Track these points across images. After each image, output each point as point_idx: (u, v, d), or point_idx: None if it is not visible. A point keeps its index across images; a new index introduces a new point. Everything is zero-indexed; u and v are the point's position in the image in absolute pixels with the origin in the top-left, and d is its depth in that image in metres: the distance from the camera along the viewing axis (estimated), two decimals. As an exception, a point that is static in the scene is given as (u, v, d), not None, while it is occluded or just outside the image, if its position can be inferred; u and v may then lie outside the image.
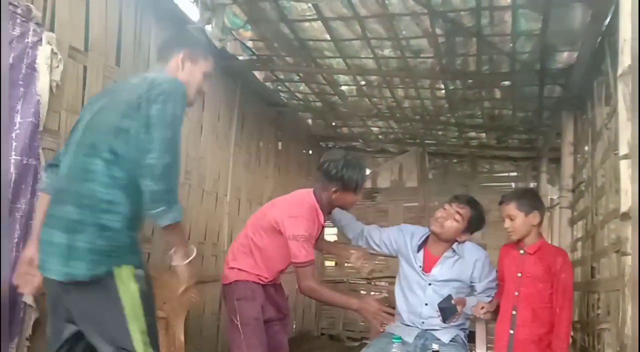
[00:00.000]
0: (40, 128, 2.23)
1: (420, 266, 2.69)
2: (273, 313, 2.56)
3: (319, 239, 2.71)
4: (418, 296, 2.66)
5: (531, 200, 2.46)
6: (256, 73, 4.40)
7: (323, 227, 2.60)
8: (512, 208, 2.43)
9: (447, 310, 2.49)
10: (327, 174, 2.42)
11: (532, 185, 6.07)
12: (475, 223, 2.63)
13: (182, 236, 1.82)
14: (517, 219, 2.41)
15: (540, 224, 2.45)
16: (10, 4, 2.07)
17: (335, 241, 2.95)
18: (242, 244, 2.56)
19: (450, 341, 2.57)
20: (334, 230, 3.04)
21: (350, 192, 2.44)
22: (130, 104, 1.71)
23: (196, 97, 2.01)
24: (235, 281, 2.48)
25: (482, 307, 2.50)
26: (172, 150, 1.68)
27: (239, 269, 2.49)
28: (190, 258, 1.83)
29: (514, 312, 2.39)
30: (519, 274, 2.42)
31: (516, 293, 2.41)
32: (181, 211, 1.72)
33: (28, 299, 2.09)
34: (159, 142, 1.64)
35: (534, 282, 2.37)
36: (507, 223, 2.44)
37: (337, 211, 2.74)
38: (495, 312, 2.56)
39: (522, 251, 2.45)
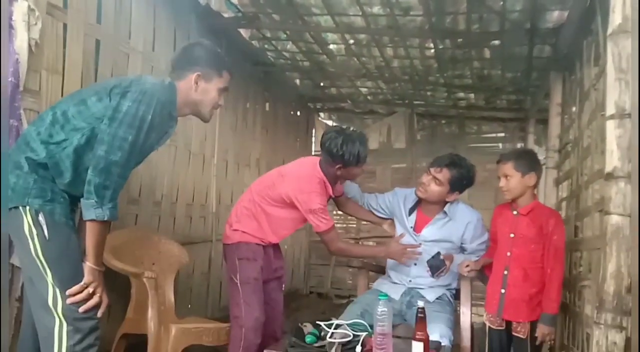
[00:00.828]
0: (21, 88, 2.17)
1: (412, 227, 2.74)
2: (271, 273, 2.68)
3: (348, 203, 2.93)
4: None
5: (529, 161, 2.45)
6: (242, 31, 4.29)
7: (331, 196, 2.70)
8: (509, 167, 2.42)
9: (435, 266, 2.56)
10: (329, 152, 2.50)
11: (519, 146, 6.12)
12: (458, 183, 2.63)
13: (101, 238, 1.73)
14: (512, 179, 2.41)
15: (535, 185, 2.46)
16: (-18, -44, 1.97)
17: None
18: (247, 207, 2.63)
19: (436, 299, 2.63)
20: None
21: (353, 166, 2.52)
22: (106, 88, 1.78)
23: (212, 112, 2.02)
24: (238, 242, 2.57)
25: (467, 266, 2.54)
26: (124, 150, 1.70)
27: (243, 232, 2.58)
28: (99, 268, 1.75)
29: (505, 272, 2.43)
30: (512, 235, 2.44)
31: (508, 254, 2.44)
32: (111, 213, 1.70)
33: (16, 260, 2.09)
34: (114, 139, 1.70)
35: (526, 243, 2.40)
36: (503, 182, 2.44)
37: (347, 184, 2.86)
38: (481, 271, 2.61)
39: (515, 212, 2.46)
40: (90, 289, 1.71)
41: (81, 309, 1.69)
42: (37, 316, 1.73)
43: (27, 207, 1.69)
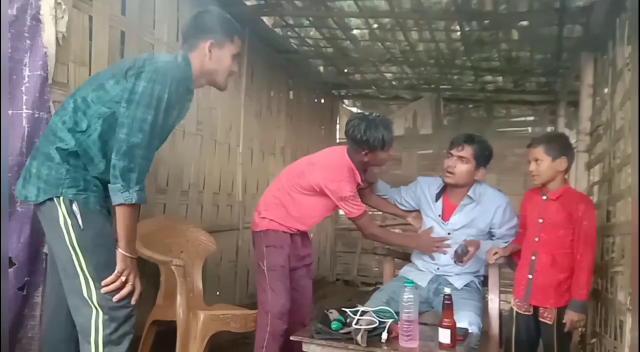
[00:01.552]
0: (49, 81, 2.21)
1: (440, 215, 2.71)
2: (299, 260, 2.70)
3: (372, 196, 2.92)
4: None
5: (561, 145, 2.38)
6: (264, 19, 4.28)
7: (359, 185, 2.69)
8: (539, 151, 2.36)
9: (459, 253, 2.54)
10: (354, 139, 2.50)
11: (549, 129, 5.97)
12: (481, 156, 2.60)
13: (131, 222, 1.73)
14: (542, 163, 2.35)
15: (567, 170, 2.39)
16: (9, -48, 2.00)
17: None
18: (275, 196, 2.66)
19: (464, 286, 2.61)
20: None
21: (379, 150, 2.51)
22: (122, 69, 1.78)
23: (227, 79, 2.00)
24: (266, 230, 2.61)
25: (495, 253, 2.51)
26: (145, 132, 1.69)
27: (270, 220, 2.62)
28: (132, 255, 1.76)
29: (533, 258, 2.39)
30: (540, 220, 2.40)
31: (536, 239, 2.39)
32: (138, 196, 1.69)
33: (48, 249, 2.15)
34: (134, 120, 1.69)
35: (555, 229, 2.35)
36: (533, 166, 2.39)
37: (378, 184, 2.89)
38: (510, 257, 2.58)
39: (544, 197, 2.41)
40: (123, 278, 1.73)
41: (115, 298, 1.71)
42: (73, 307, 1.76)
43: (61, 198, 1.71)
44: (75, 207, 1.71)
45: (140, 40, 2.94)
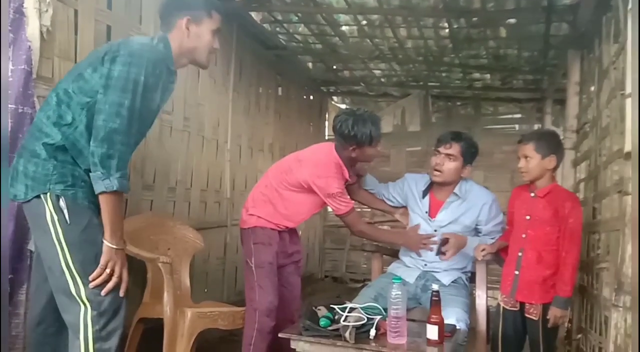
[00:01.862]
0: (34, 75, 2.18)
1: (426, 212, 2.72)
2: (287, 257, 2.70)
3: (360, 192, 2.91)
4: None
5: (551, 143, 2.40)
6: (253, 14, 4.25)
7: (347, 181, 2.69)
8: (529, 149, 2.37)
9: (439, 245, 2.60)
10: (342, 134, 2.50)
11: (536, 127, 6.02)
12: (468, 154, 2.62)
13: (115, 211, 1.69)
14: (532, 161, 2.37)
15: (555, 168, 2.41)
16: (-9, -57, 1.96)
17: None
18: (263, 193, 2.66)
19: (452, 282, 2.62)
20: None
21: (367, 146, 2.51)
22: (98, 56, 1.75)
23: (209, 57, 1.96)
24: (254, 227, 2.60)
25: (483, 249, 2.52)
26: (122, 116, 1.66)
27: (258, 217, 2.61)
28: (117, 247, 1.71)
29: (520, 254, 2.41)
30: (528, 217, 2.41)
31: (523, 236, 2.41)
32: (119, 183, 1.65)
33: (33, 246, 2.12)
34: (110, 106, 1.66)
35: (542, 225, 2.36)
36: (522, 163, 2.40)
37: (366, 178, 2.88)
38: (497, 253, 2.59)
39: (532, 194, 2.43)
40: (108, 270, 1.70)
41: (103, 292, 1.68)
42: (62, 305, 1.73)
43: (48, 194, 1.68)
44: (62, 202, 1.68)
45: (127, 34, 2.89)
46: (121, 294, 1.73)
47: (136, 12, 2.99)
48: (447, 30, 4.21)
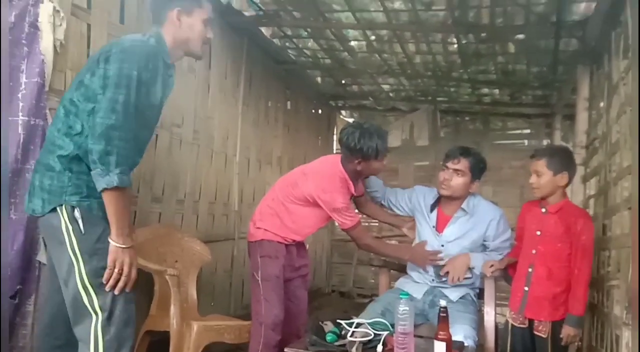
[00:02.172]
0: (46, 88, 2.21)
1: (434, 226, 2.70)
2: (294, 271, 2.69)
3: (368, 204, 2.92)
4: None
5: (563, 159, 2.37)
6: (263, 29, 4.30)
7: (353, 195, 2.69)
8: (541, 165, 2.35)
9: (438, 272, 2.60)
10: (348, 147, 2.50)
11: (545, 142, 6.00)
12: (476, 168, 2.60)
13: (119, 208, 1.67)
14: (543, 177, 2.34)
15: (567, 185, 2.39)
16: (8, -41, 2.01)
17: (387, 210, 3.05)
18: (270, 206, 2.66)
19: (460, 298, 2.59)
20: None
21: (373, 160, 2.51)
22: (94, 60, 1.77)
23: (203, 47, 1.97)
24: (261, 240, 2.60)
25: (491, 266, 2.50)
26: (119, 112, 1.66)
27: (265, 230, 2.61)
28: (124, 245, 1.69)
29: (530, 270, 2.38)
30: (538, 233, 2.39)
31: (533, 251, 2.38)
32: (119, 179, 1.63)
33: (42, 257, 2.13)
34: (107, 102, 1.66)
35: (553, 242, 2.34)
36: (533, 179, 2.38)
37: (370, 178, 2.86)
38: (505, 270, 2.57)
39: (543, 210, 2.40)
40: (117, 270, 1.69)
41: (116, 291, 1.68)
42: (74, 319, 1.72)
43: (64, 206, 1.69)
44: (77, 213, 1.69)
45: (138, 48, 2.94)
46: (127, 289, 1.71)
47: (148, 26, 3.02)
48: (455, 46, 4.23)
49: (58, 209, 1.70)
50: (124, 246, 1.70)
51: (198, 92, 3.58)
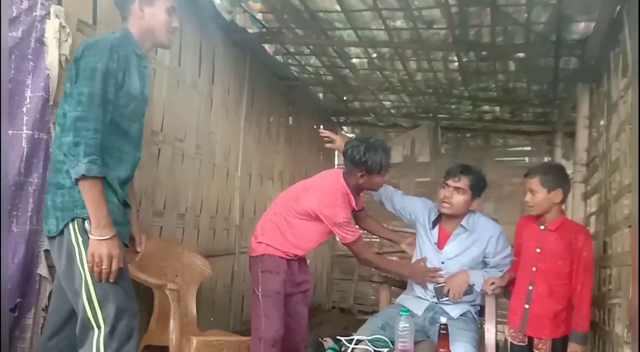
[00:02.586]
0: (51, 102, 2.23)
1: (435, 243, 2.70)
2: (295, 287, 2.68)
3: (367, 220, 2.93)
4: None
5: (557, 177, 2.38)
6: (266, 46, 4.35)
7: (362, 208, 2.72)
8: (535, 183, 2.36)
9: (439, 290, 2.59)
10: (352, 160, 2.52)
11: (546, 159, 6.01)
12: (476, 186, 2.61)
13: (93, 198, 1.66)
14: (538, 195, 2.35)
15: (562, 202, 2.39)
16: (17, -24, 2.05)
17: (387, 227, 3.05)
18: (272, 220, 2.67)
19: (460, 315, 2.58)
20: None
21: (375, 174, 2.53)
22: (70, 68, 1.81)
23: (169, 36, 1.98)
24: (262, 254, 2.60)
25: (492, 283, 2.49)
26: (83, 103, 1.67)
27: (267, 244, 2.61)
28: (100, 237, 1.67)
29: (530, 288, 2.37)
30: (538, 250, 2.38)
31: (534, 269, 2.38)
32: (87, 168, 1.62)
33: (42, 270, 2.14)
34: (74, 96, 1.69)
35: (553, 259, 2.33)
36: (528, 197, 2.38)
37: None
38: (506, 286, 2.56)
39: (542, 227, 2.40)
40: (96, 262, 1.66)
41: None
42: (79, 329, 1.72)
43: (75, 220, 1.71)
44: (87, 224, 1.70)
45: (143, 64, 2.98)
46: (111, 279, 1.69)
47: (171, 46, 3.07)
48: (456, 64, 4.27)
49: (70, 224, 1.71)
50: (100, 238, 1.67)
51: (201, 107, 3.61)
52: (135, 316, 1.74)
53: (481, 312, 2.65)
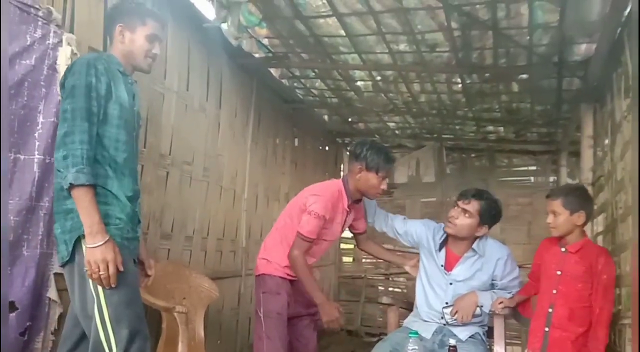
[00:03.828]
0: (62, 127, 2.27)
1: (442, 265, 2.68)
2: (302, 309, 2.65)
3: (369, 243, 2.96)
4: (438, 295, 2.66)
5: (580, 198, 2.37)
6: (272, 70, 4.42)
7: (348, 213, 2.69)
8: (557, 204, 2.34)
9: (449, 317, 2.58)
10: (354, 154, 2.59)
11: (551, 179, 6.01)
12: (487, 214, 2.57)
13: (84, 206, 1.68)
14: (560, 216, 2.33)
15: (585, 224, 2.38)
16: (32, 7, 2.11)
17: (389, 248, 3.06)
18: (273, 234, 2.70)
19: (469, 337, 2.56)
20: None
21: (373, 172, 2.54)
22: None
23: (147, 61, 2.04)
24: (262, 274, 2.60)
25: (501, 302, 2.48)
26: (67, 119, 1.72)
27: (268, 261, 2.61)
28: (93, 244, 1.68)
29: (550, 310, 2.34)
30: (559, 273, 2.35)
31: (554, 291, 2.35)
32: (74, 177, 1.65)
33: (52, 293, 2.15)
34: (60, 115, 1.77)
35: (574, 282, 2.31)
36: (550, 218, 2.36)
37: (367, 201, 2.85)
38: (515, 308, 2.54)
39: (563, 249, 2.38)
40: (93, 270, 1.67)
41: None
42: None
43: (82, 239, 1.73)
44: None
45: (151, 89, 3.03)
46: (112, 284, 1.69)
47: (161, 68, 3.13)
48: (460, 85, 4.31)
49: (78, 245, 1.73)
50: (93, 245, 1.68)
51: (208, 131, 3.66)
52: (146, 339, 1.74)
53: (490, 334, 2.63)
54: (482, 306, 2.55)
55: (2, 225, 1.75)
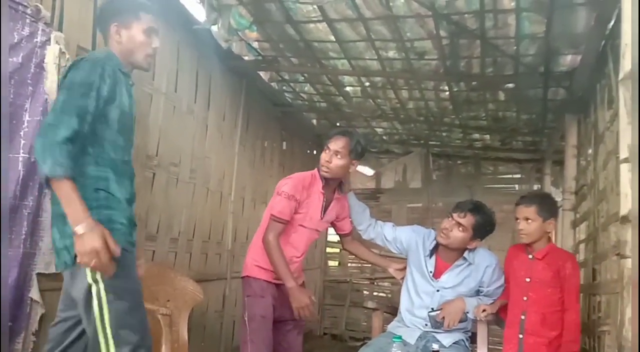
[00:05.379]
0: (48, 126, 2.25)
1: (431, 272, 2.67)
2: (287, 313, 2.56)
3: (354, 244, 2.93)
4: (424, 301, 2.66)
5: (552, 207, 2.41)
6: (261, 73, 4.43)
7: (325, 197, 2.63)
8: (531, 212, 2.37)
9: (434, 322, 2.57)
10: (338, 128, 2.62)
11: (535, 187, 6.08)
12: (481, 229, 2.57)
13: (65, 197, 1.59)
14: (533, 223, 2.36)
15: (551, 231, 2.44)
16: (20, 4, 2.10)
17: (375, 252, 3.05)
18: (258, 235, 2.62)
19: (453, 343, 2.58)
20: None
21: (337, 136, 2.57)
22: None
23: (148, 59, 1.97)
24: (247, 276, 2.57)
25: (484, 310, 2.50)
26: (55, 110, 1.65)
27: (252, 263, 2.58)
28: (80, 231, 1.58)
29: (522, 317, 2.38)
30: (528, 279, 2.40)
31: (525, 298, 2.39)
32: (50, 169, 1.56)
33: (34, 294, 2.13)
34: (52, 106, 1.72)
35: (543, 287, 2.35)
36: (522, 225, 2.39)
37: (351, 196, 2.85)
38: (497, 313, 2.57)
39: (530, 256, 2.42)
40: (85, 262, 1.59)
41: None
42: None
43: None
44: None
45: (140, 90, 3.01)
46: (109, 273, 1.63)
47: (152, 70, 3.12)
48: (447, 93, 4.36)
49: None
50: (79, 233, 1.58)
51: (196, 132, 3.65)
52: (149, 350, 1.71)
53: (473, 340, 2.65)
54: (467, 313, 2.57)
55: (2, 225, 1.73)
